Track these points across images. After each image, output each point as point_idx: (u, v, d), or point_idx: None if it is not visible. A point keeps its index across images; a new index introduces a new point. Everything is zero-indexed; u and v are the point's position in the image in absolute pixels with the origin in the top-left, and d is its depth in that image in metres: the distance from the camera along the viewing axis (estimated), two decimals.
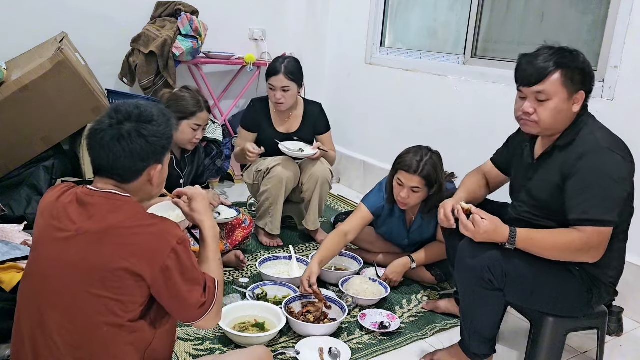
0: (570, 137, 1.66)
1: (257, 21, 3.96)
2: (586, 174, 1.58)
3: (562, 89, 1.60)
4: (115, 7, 3.38)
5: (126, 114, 1.29)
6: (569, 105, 1.63)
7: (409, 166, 2.24)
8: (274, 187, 2.72)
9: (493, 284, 1.67)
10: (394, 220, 2.52)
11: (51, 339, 1.21)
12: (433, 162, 2.25)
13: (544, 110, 1.62)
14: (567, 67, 1.59)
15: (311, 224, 2.89)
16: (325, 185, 2.82)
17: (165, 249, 1.22)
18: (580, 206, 1.58)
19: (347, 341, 2.03)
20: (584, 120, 1.67)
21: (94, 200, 1.26)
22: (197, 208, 1.47)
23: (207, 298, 1.30)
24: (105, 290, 1.20)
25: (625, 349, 2.16)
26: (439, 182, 2.28)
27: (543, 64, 1.60)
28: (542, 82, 1.60)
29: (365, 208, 2.44)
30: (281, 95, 2.75)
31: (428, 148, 2.31)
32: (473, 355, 1.81)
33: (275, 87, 2.75)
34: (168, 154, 1.37)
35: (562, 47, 1.64)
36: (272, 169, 2.73)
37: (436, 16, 3.60)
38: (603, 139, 1.61)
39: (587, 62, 1.64)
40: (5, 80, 2.63)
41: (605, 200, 1.56)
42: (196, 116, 2.39)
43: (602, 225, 1.57)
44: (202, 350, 1.93)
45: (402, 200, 2.30)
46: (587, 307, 1.74)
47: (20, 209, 2.70)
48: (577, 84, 1.61)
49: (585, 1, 2.69)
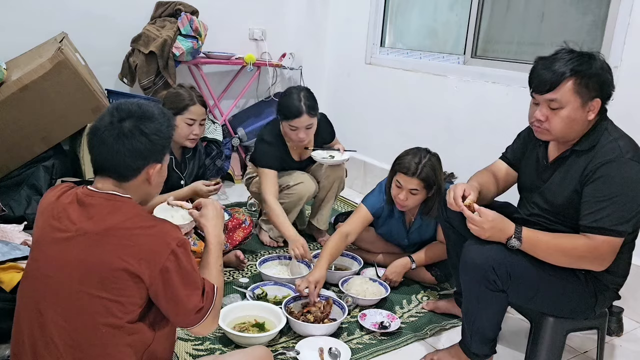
0: (590, 143, 1.62)
1: (257, 21, 3.96)
2: (607, 183, 1.55)
3: (575, 97, 1.55)
4: (115, 7, 3.38)
5: (127, 112, 1.29)
6: (583, 114, 1.58)
7: (407, 168, 2.23)
8: (290, 204, 2.71)
9: (497, 284, 1.66)
10: (393, 221, 2.52)
11: (50, 339, 1.21)
12: (432, 164, 2.25)
13: (556, 118, 1.58)
14: (582, 74, 1.54)
15: (322, 223, 2.89)
16: (341, 184, 2.85)
17: (165, 251, 1.22)
18: (595, 214, 1.55)
19: (347, 341, 2.03)
20: (604, 125, 1.63)
21: (94, 201, 1.26)
22: (206, 214, 1.47)
23: (205, 304, 1.29)
24: (105, 291, 1.20)
25: (625, 349, 2.16)
26: (437, 184, 2.27)
27: (557, 71, 1.54)
28: (554, 90, 1.55)
29: (365, 209, 2.44)
30: (304, 134, 2.59)
31: (427, 150, 2.31)
32: (473, 355, 1.81)
33: (299, 127, 2.56)
34: (168, 154, 1.37)
35: (580, 52, 1.59)
36: (294, 187, 2.69)
37: (436, 16, 3.60)
38: (625, 148, 1.57)
39: (605, 67, 1.58)
40: (5, 80, 2.63)
41: (622, 210, 1.53)
42: (188, 110, 2.38)
43: (614, 235, 1.54)
44: (202, 350, 1.93)
45: (401, 202, 2.30)
46: (590, 311, 1.74)
47: (20, 209, 2.70)
48: (592, 91, 1.55)
49: (585, 1, 2.69)
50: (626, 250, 1.68)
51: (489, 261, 1.65)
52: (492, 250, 1.65)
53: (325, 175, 2.80)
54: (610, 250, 1.56)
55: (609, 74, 1.59)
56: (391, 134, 3.65)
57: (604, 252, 1.56)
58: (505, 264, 1.64)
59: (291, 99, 2.57)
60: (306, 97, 2.57)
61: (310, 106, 2.56)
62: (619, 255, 1.62)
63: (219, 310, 1.37)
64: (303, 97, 2.56)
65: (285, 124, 2.60)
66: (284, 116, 2.59)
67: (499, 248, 1.65)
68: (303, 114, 2.53)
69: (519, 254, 1.64)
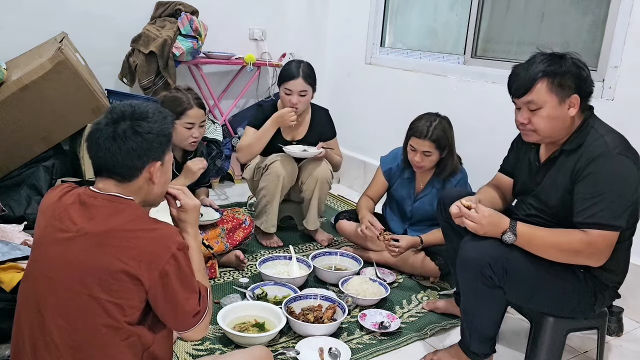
0: (577, 142, 1.65)
1: (257, 21, 3.96)
2: (597, 178, 1.57)
3: (551, 96, 1.60)
4: (115, 7, 3.38)
5: (120, 113, 1.29)
6: (564, 111, 1.62)
7: (420, 132, 2.41)
8: (271, 184, 2.71)
9: (493, 280, 1.66)
10: (405, 183, 2.65)
11: (51, 339, 1.21)
12: (442, 127, 2.42)
13: (538, 119, 1.64)
14: (553, 74, 1.59)
15: (311, 224, 2.89)
16: (324, 185, 2.82)
17: (165, 255, 1.22)
18: (588, 210, 1.57)
19: (347, 341, 2.03)
20: (590, 123, 1.66)
21: (97, 202, 1.26)
22: (187, 219, 1.46)
23: (202, 307, 1.30)
24: (104, 292, 1.19)
25: (625, 349, 2.16)
26: (449, 145, 2.44)
27: (530, 74, 1.62)
28: (529, 92, 1.62)
29: (380, 171, 2.72)
30: (297, 100, 2.72)
31: (437, 114, 2.48)
32: (473, 354, 1.81)
33: (293, 91, 2.71)
34: (169, 152, 1.37)
35: (552, 53, 1.64)
36: (270, 166, 2.72)
37: (436, 16, 3.60)
38: (613, 143, 1.60)
39: (578, 64, 1.62)
40: (5, 80, 2.63)
41: (614, 204, 1.55)
42: (186, 114, 2.37)
43: (608, 229, 1.55)
44: (202, 350, 1.93)
45: (417, 164, 2.47)
46: (590, 311, 1.74)
47: (20, 209, 2.70)
48: (567, 88, 1.60)
49: (585, 1, 2.69)
50: (624, 248, 1.68)
51: (485, 257, 1.65)
52: (488, 246, 1.66)
53: (307, 175, 2.80)
54: (606, 245, 1.57)
55: (583, 70, 1.62)
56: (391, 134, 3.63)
57: (600, 247, 1.57)
58: (501, 259, 1.64)
59: (291, 65, 2.79)
60: (305, 66, 2.77)
61: (306, 74, 2.74)
62: (617, 253, 1.63)
63: (211, 313, 1.39)
64: (301, 65, 2.77)
65: (282, 87, 2.76)
66: (282, 79, 2.77)
67: (495, 244, 1.66)
68: (298, 77, 2.70)
69: (515, 250, 1.65)
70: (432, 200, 2.52)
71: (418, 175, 2.60)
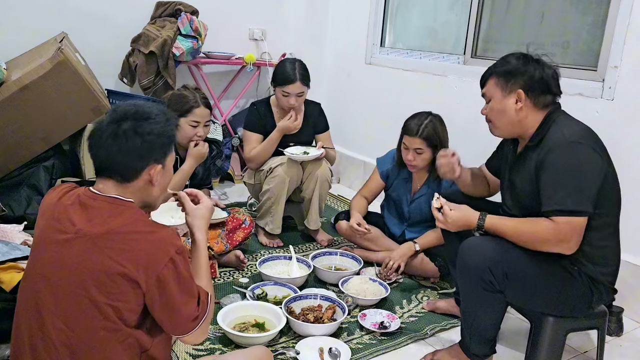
0: (539, 137, 1.71)
1: (257, 21, 3.97)
2: (554, 168, 1.61)
3: (497, 90, 1.75)
4: (115, 7, 3.38)
5: (123, 113, 1.29)
6: (509, 104, 1.72)
7: (411, 129, 2.45)
8: (276, 187, 2.73)
9: (494, 285, 1.66)
10: (401, 183, 2.66)
11: (50, 340, 1.21)
12: (433, 125, 2.44)
13: (489, 110, 1.80)
14: (498, 71, 1.76)
15: (312, 223, 2.90)
16: (324, 184, 2.83)
17: (163, 258, 1.21)
18: (552, 198, 1.61)
19: (347, 341, 2.03)
20: (553, 118, 1.71)
21: (96, 204, 1.26)
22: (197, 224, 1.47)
23: (200, 312, 1.29)
24: (102, 295, 1.19)
25: (625, 349, 2.16)
26: (440, 143, 2.44)
27: (486, 72, 1.81)
28: (484, 86, 1.81)
29: (376, 171, 2.72)
30: (295, 101, 2.77)
31: (429, 112, 2.51)
32: (473, 355, 1.81)
33: (291, 94, 2.75)
34: (170, 155, 1.36)
35: (511, 53, 1.78)
36: (275, 169, 2.74)
37: (436, 16, 3.60)
38: (570, 133, 1.64)
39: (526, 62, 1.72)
40: (5, 80, 2.63)
41: (574, 190, 1.58)
42: (192, 112, 2.39)
43: (573, 215, 1.58)
44: (202, 350, 1.93)
45: (410, 163, 2.49)
46: (589, 307, 1.74)
47: (20, 209, 2.71)
48: (511, 84, 1.72)
49: (585, 1, 2.69)
50: (609, 238, 1.69)
51: (486, 262, 1.66)
52: (488, 250, 1.67)
53: (307, 175, 2.81)
54: (572, 230, 1.59)
55: (533, 68, 1.71)
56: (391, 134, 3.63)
57: (567, 233, 1.59)
58: (501, 264, 1.65)
59: (286, 67, 2.79)
60: (300, 67, 2.79)
61: (303, 75, 2.78)
62: (601, 244, 1.65)
63: (211, 319, 1.37)
64: (297, 67, 2.78)
65: (279, 89, 2.79)
66: (278, 82, 2.78)
67: (494, 248, 1.66)
68: (296, 81, 2.74)
69: (515, 253, 1.65)
70: (429, 201, 2.51)
71: (414, 175, 2.60)
